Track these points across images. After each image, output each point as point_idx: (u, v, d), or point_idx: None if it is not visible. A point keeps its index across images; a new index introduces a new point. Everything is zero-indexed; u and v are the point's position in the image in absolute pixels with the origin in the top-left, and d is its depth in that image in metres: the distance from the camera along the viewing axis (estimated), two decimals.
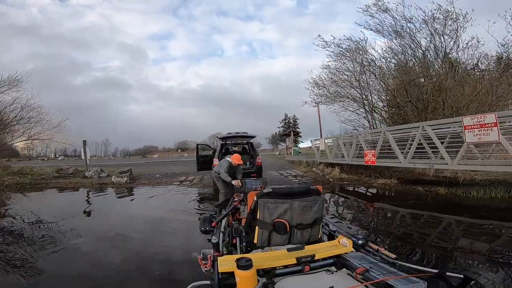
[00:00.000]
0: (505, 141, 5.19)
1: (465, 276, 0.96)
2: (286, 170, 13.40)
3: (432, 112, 10.45)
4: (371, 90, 13.28)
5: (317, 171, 11.76)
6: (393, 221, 5.16)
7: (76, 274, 3.14)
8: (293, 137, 31.19)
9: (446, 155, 6.42)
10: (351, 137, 11.10)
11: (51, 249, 3.96)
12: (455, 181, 7.55)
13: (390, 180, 8.48)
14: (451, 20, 10.72)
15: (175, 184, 10.12)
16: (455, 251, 3.51)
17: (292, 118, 53.69)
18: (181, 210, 6.13)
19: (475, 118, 5.70)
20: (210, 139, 62.80)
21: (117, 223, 5.50)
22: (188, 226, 4.74)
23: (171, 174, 12.37)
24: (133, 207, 7.03)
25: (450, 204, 6.00)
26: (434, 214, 5.17)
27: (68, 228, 4.92)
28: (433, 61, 11.66)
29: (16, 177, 11.45)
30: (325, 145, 13.01)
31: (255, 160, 8.73)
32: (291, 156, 22.98)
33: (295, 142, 36.65)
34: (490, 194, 6.11)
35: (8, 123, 11.32)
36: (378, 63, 12.98)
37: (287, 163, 16.22)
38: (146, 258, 3.52)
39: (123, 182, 10.51)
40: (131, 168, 11.91)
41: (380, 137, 8.54)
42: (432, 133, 6.77)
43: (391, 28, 12.06)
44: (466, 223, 4.68)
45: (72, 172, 12.78)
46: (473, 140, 5.70)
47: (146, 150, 67.82)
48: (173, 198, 7.67)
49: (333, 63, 14.07)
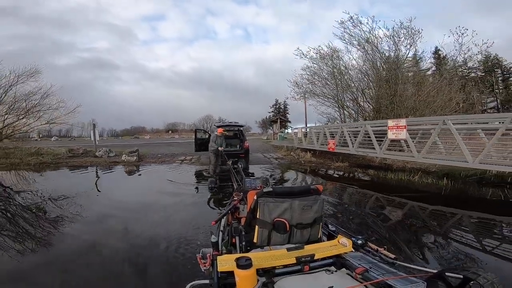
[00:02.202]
0: (409, 139, 7.66)
1: (464, 276, 0.95)
2: (270, 153, 15.46)
3: (384, 112, 13.01)
4: (343, 90, 15.73)
5: (294, 155, 14.09)
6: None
7: (134, 218, 4.58)
8: (280, 124, 33.61)
9: (377, 147, 8.35)
10: (319, 128, 13.40)
11: (116, 209, 5.29)
12: (389, 167, 10.12)
13: (343, 163, 10.80)
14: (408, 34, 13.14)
15: (177, 162, 11.89)
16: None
17: (282, 104, 53.94)
18: (191, 177, 8.79)
19: (394, 121, 7.88)
20: (200, 121, 64.04)
21: (156, 184, 7.87)
22: (198, 186, 7.45)
23: (171, 154, 13.89)
24: (158, 176, 9.13)
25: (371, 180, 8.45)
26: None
27: (122, 189, 7.63)
28: (387, 68, 14.14)
29: (39, 157, 12.75)
30: (302, 133, 15.38)
31: (244, 144, 11.09)
32: (276, 141, 25.37)
33: (284, 127, 39.09)
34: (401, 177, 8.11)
35: (29, 109, 12.95)
36: (348, 71, 15.43)
37: (272, 147, 18.57)
38: (183, 193, 6.39)
39: (133, 161, 12.11)
40: (138, 148, 13.93)
41: (339, 130, 10.50)
42: (370, 130, 8.59)
43: (360, 39, 14.38)
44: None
45: (82, 152, 13.92)
46: (392, 137, 7.67)
47: (134, 131, 67.67)
48: (183, 171, 9.87)
49: (311, 66, 16.47)
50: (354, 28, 14.32)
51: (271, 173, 9.66)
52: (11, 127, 13.33)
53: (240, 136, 11.53)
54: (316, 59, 16.02)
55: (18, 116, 13.18)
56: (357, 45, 14.59)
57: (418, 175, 7.73)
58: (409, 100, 12.27)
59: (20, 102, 13.12)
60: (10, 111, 13.01)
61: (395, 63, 13.07)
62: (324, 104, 16.55)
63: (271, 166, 11.24)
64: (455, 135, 6.21)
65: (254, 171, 9.42)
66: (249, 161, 11.12)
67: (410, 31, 13.00)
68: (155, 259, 3.09)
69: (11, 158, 12.65)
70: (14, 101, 13.02)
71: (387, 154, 8.38)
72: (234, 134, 11.86)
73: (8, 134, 13.38)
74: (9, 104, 13.04)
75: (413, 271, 1.34)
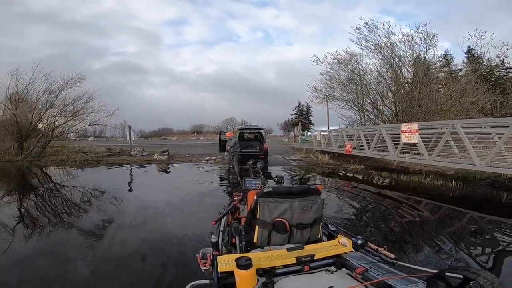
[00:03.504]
0: (421, 142, 7.92)
1: (464, 276, 0.95)
2: (289, 155, 16.03)
3: (403, 116, 13.11)
4: (362, 94, 15.96)
5: (312, 157, 14.60)
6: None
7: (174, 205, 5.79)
8: (301, 127, 34.01)
9: (391, 150, 8.69)
10: (338, 131, 13.85)
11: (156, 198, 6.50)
12: (405, 170, 10.28)
13: (359, 166, 11.12)
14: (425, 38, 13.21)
15: (203, 161, 13.04)
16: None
17: (305, 106, 53.18)
18: (216, 174, 9.88)
19: (407, 125, 8.20)
20: (224, 123, 65.81)
21: (189, 177, 9.15)
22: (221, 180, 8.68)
23: (197, 154, 15.09)
24: (189, 172, 10.46)
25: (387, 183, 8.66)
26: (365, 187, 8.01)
27: (159, 180, 9.35)
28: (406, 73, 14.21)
29: (83, 155, 14.49)
30: (321, 136, 15.88)
31: (263, 146, 11.88)
32: (297, 144, 25.88)
33: (307, 130, 39.27)
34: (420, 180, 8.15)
35: (76, 112, 14.75)
36: (367, 75, 15.64)
37: (292, 149, 19.11)
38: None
39: (164, 159, 13.26)
40: (168, 148, 15.18)
41: (356, 133, 10.90)
42: (385, 133, 8.95)
43: (376, 44, 14.63)
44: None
45: (119, 151, 15.47)
46: (405, 140, 7.95)
47: (161, 133, 70.49)
48: (209, 169, 10.93)
49: (329, 72, 16.88)
50: (370, 33, 14.63)
51: (288, 173, 10.24)
52: (60, 128, 15.16)
53: (260, 138, 12.35)
54: (334, 64, 16.38)
55: (67, 118, 14.99)
56: (373, 50, 14.83)
57: (430, 178, 7.98)
58: (430, 104, 12.31)
59: (68, 105, 14.93)
60: (60, 114, 14.84)
61: (413, 66, 13.18)
62: (344, 107, 16.90)
63: (289, 167, 11.80)
64: (463, 139, 6.48)
65: (272, 171, 10.12)
66: (268, 162, 11.82)
67: (426, 35, 13.09)
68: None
69: (60, 155, 14.42)
70: (63, 104, 14.85)
71: (400, 157, 8.70)
72: (255, 136, 12.71)
73: (58, 135, 15.24)
74: (59, 107, 14.88)
75: (413, 271, 1.34)
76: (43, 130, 14.76)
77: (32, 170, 11.48)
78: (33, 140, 14.15)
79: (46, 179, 9.77)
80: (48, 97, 14.72)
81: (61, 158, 13.89)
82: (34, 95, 14.72)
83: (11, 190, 8.00)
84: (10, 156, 13.14)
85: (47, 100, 14.74)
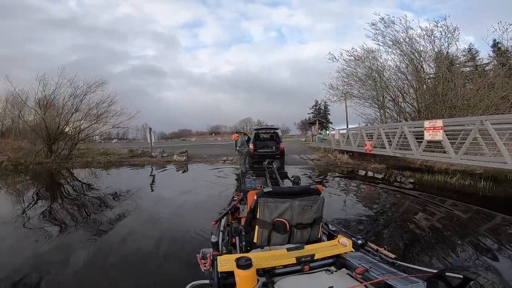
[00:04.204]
0: (446, 140, 7.58)
1: (464, 276, 0.94)
2: (306, 154, 15.78)
3: (426, 113, 12.55)
4: (382, 91, 15.46)
5: (330, 156, 14.25)
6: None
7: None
8: (318, 126, 33.53)
9: (414, 148, 8.29)
10: (357, 129, 13.30)
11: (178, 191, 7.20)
12: (429, 169, 9.84)
13: (380, 165, 10.71)
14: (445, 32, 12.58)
15: (220, 162, 13.21)
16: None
17: (322, 105, 52.62)
18: (231, 173, 9.89)
19: (431, 122, 7.87)
20: (240, 124, 66.34)
21: (207, 176, 9.30)
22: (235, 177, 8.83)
23: (215, 155, 15.28)
24: (206, 172, 10.52)
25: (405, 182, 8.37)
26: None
27: (179, 178, 9.88)
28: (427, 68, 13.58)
29: (107, 156, 15.23)
30: (339, 135, 15.52)
31: (279, 145, 11.81)
32: (314, 143, 25.55)
33: (325, 129, 38.78)
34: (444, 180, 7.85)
35: (99, 115, 15.46)
36: (385, 71, 15.13)
37: (309, 149, 18.84)
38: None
39: (183, 160, 13.69)
40: (187, 150, 15.50)
41: (375, 131, 10.53)
42: (407, 131, 8.54)
43: (394, 40, 14.11)
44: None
45: (140, 153, 16.12)
46: (429, 138, 7.54)
47: (181, 134, 72.46)
48: (224, 169, 11.00)
49: (345, 69, 16.45)
50: (386, 28, 14.14)
51: (305, 173, 10.09)
52: (85, 131, 15.89)
53: (276, 138, 12.29)
54: (350, 61, 15.97)
55: (91, 121, 15.68)
56: (391, 46, 14.31)
57: (456, 177, 7.59)
58: (455, 100, 11.72)
59: (92, 109, 15.62)
60: (85, 117, 15.56)
61: (435, 61, 12.59)
62: (363, 105, 16.43)
63: (306, 167, 11.63)
64: (493, 136, 6.10)
65: (289, 171, 10.01)
66: (285, 162, 11.75)
67: (447, 29, 12.47)
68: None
69: (85, 157, 15.10)
70: (88, 108, 15.54)
71: (424, 155, 8.33)
72: (270, 136, 12.68)
73: (83, 138, 15.98)
74: (84, 111, 15.60)
75: (413, 271, 1.33)
76: (70, 133, 15.52)
77: (64, 171, 12.13)
78: (60, 143, 14.90)
79: (85, 179, 10.23)
80: (73, 101, 15.52)
81: (87, 160, 14.55)
82: (60, 99, 15.56)
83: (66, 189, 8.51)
84: (40, 158, 13.92)
85: (72, 104, 15.55)
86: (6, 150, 14.79)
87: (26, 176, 11.03)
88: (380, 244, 1.70)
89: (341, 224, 3.67)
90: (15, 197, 7.46)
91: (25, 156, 13.88)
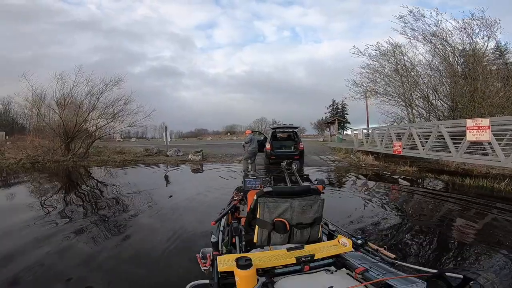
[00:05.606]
0: (494, 141, 6.59)
1: (464, 276, 0.93)
2: (327, 155, 14.84)
3: (462, 111, 11.39)
4: (410, 88, 14.35)
5: (353, 157, 13.27)
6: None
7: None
8: (337, 125, 32.25)
9: (453, 150, 7.35)
10: (383, 129, 12.30)
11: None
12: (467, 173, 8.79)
13: (411, 168, 9.73)
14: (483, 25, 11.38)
15: (235, 162, 12.75)
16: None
17: (340, 104, 50.73)
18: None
19: (475, 121, 6.88)
20: (255, 123, 65.88)
21: (223, 175, 9.27)
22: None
23: (230, 155, 14.67)
24: (219, 172, 10.28)
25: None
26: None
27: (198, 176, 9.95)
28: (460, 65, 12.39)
29: (123, 155, 15.10)
30: (363, 135, 14.57)
31: (298, 145, 11.07)
32: (334, 143, 24.49)
33: (343, 128, 37.46)
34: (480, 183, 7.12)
35: (116, 114, 15.40)
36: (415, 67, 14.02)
37: (329, 149, 17.67)
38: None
39: (198, 160, 13.39)
40: (202, 149, 15.15)
41: (406, 131, 9.62)
42: (444, 131, 7.68)
43: (425, 33, 12.96)
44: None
45: (156, 152, 15.83)
46: (472, 138, 6.70)
47: (197, 133, 73.36)
48: (238, 169, 10.53)
49: (371, 64, 15.33)
50: (416, 22, 13.02)
51: (328, 175, 9.40)
52: (102, 130, 15.87)
53: (294, 137, 11.53)
54: (375, 56, 14.93)
55: (107, 120, 15.62)
56: (422, 40, 13.17)
57: (505, 182, 6.62)
58: (495, 97, 10.53)
59: (108, 107, 15.54)
60: (101, 116, 15.51)
61: (472, 56, 11.39)
62: (389, 103, 15.32)
63: (328, 169, 10.91)
64: None
65: (309, 173, 9.31)
66: (305, 163, 11.03)
67: (484, 22, 11.24)
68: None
69: (101, 155, 15.06)
70: (104, 106, 15.49)
71: (465, 158, 7.38)
72: (288, 135, 11.92)
73: (100, 136, 15.96)
74: (101, 109, 15.56)
75: (413, 271, 1.33)
76: (86, 131, 15.52)
77: (83, 170, 12.05)
78: (77, 141, 14.91)
79: (105, 177, 10.18)
80: (90, 99, 15.48)
81: (103, 158, 14.48)
82: (78, 98, 15.57)
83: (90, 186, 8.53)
84: (57, 156, 13.96)
85: (89, 102, 15.52)
86: (26, 148, 14.98)
87: (43, 174, 10.91)
88: (380, 244, 1.67)
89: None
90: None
91: (43, 154, 13.95)
